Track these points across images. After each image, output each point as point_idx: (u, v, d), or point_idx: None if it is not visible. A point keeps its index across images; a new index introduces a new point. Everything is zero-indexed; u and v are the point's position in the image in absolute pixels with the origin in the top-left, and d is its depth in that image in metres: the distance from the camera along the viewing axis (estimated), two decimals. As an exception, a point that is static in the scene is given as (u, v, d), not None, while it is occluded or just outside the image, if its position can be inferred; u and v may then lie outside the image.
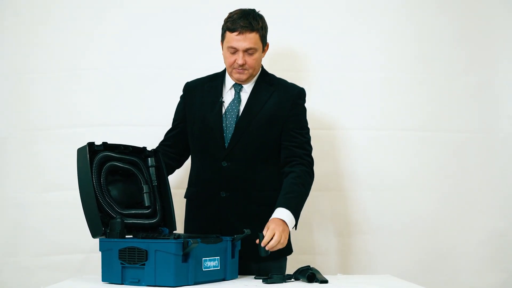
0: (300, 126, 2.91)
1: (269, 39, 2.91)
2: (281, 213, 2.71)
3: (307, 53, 3.53)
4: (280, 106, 2.88)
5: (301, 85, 2.98)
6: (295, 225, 2.77)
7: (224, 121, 2.87)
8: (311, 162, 2.90)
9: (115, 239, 2.47)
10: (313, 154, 2.90)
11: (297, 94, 2.93)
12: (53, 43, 3.50)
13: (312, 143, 2.94)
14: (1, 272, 3.45)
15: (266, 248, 2.60)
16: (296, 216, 2.75)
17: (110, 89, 3.50)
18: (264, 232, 2.62)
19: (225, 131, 2.86)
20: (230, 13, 2.87)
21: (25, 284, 3.44)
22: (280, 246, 2.63)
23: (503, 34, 3.59)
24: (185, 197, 3.02)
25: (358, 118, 3.53)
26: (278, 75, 3.01)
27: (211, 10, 3.48)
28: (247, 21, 2.80)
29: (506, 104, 3.58)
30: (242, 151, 2.85)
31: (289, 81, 3.00)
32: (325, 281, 2.54)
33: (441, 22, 3.58)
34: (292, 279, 2.63)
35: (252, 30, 2.80)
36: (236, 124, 2.86)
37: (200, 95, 2.96)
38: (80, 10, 3.50)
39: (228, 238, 2.60)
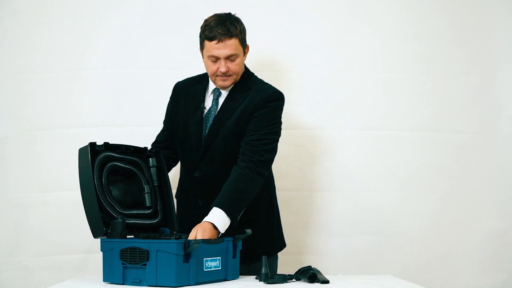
0: (259, 126, 2.77)
1: (269, 39, 2.90)
2: (213, 216, 2.60)
3: (307, 53, 3.52)
4: (246, 111, 2.79)
5: (301, 86, 2.96)
6: (234, 220, 2.64)
7: (203, 129, 2.84)
8: (257, 160, 2.72)
9: (116, 239, 2.46)
10: (313, 154, 2.88)
11: (265, 98, 2.79)
12: (53, 43, 3.49)
13: (313, 143, 2.92)
14: (1, 272, 3.45)
15: None
16: (230, 211, 2.62)
17: (110, 89, 3.50)
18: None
19: (203, 139, 2.83)
20: (206, 20, 2.80)
21: (25, 284, 3.44)
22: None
23: (504, 34, 3.59)
24: (175, 196, 3.02)
25: (359, 118, 3.53)
26: (277, 75, 2.98)
27: (211, 10, 3.45)
28: (225, 28, 2.72)
29: (506, 105, 3.58)
30: (211, 160, 2.81)
31: (290, 81, 2.97)
32: (326, 281, 2.54)
33: (441, 22, 3.58)
34: (293, 279, 2.63)
35: (231, 36, 2.73)
36: (207, 134, 2.81)
37: (185, 98, 2.92)
38: (80, 10, 3.50)
39: (229, 238, 2.59)
